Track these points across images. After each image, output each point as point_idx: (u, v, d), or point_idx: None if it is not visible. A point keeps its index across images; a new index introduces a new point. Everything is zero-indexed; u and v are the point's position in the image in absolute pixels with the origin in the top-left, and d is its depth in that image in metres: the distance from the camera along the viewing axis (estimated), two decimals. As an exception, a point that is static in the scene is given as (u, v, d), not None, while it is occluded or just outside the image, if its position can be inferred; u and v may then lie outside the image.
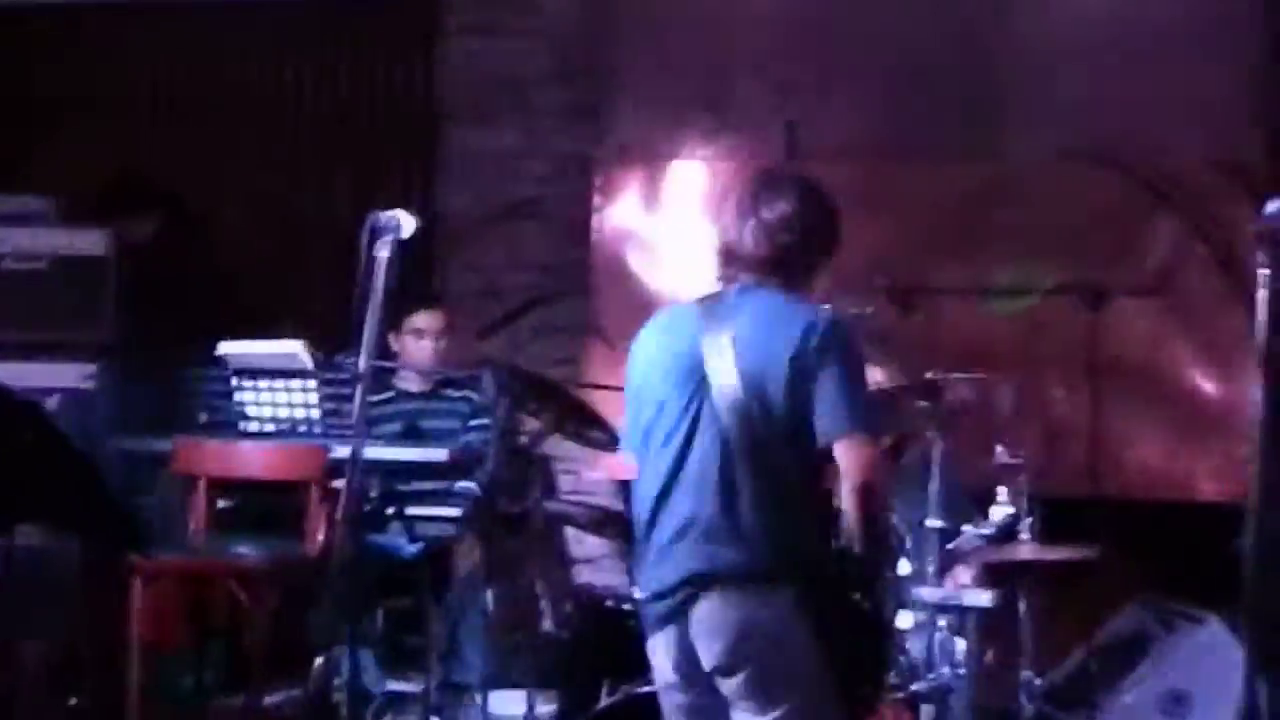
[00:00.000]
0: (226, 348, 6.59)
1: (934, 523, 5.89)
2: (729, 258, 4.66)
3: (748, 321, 4.56)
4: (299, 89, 8.40)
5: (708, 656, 4.52)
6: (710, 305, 4.65)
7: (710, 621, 4.50)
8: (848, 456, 4.47)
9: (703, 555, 4.49)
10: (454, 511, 6.60)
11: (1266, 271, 4.13)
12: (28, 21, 8.48)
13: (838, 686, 4.52)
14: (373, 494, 6.42)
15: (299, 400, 6.46)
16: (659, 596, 4.56)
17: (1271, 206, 4.18)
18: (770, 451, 4.51)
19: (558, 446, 7.25)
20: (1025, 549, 5.92)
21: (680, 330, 4.65)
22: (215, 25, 8.42)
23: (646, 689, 5.64)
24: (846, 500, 4.49)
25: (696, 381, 4.56)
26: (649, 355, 4.71)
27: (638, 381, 4.72)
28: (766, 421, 4.49)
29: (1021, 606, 5.93)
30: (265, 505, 6.51)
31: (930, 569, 5.84)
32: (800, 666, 4.49)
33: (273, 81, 8.41)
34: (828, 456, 4.52)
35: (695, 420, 4.55)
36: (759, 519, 4.49)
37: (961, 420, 6.12)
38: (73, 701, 6.29)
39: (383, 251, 4.69)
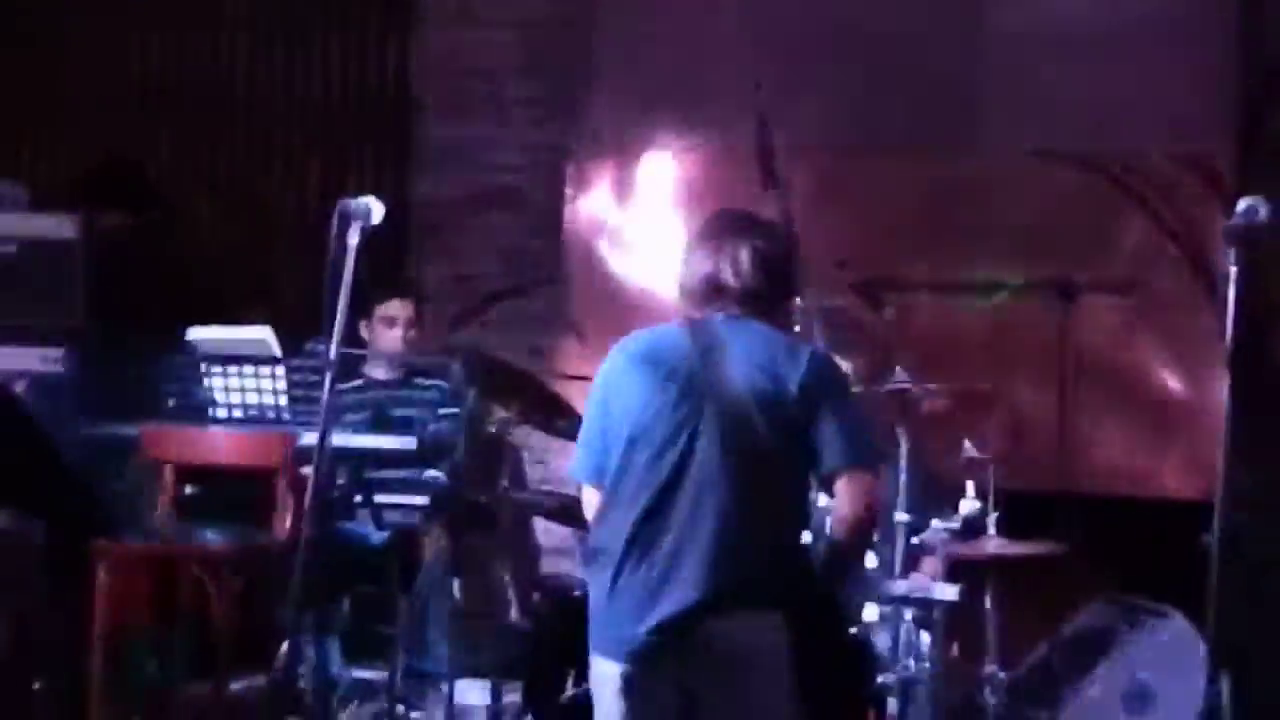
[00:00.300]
0: (195, 334, 6.58)
1: (901, 516, 5.92)
2: (714, 290, 4.63)
3: (747, 350, 4.55)
4: (272, 76, 8.38)
5: (706, 684, 4.45)
6: (699, 333, 4.62)
7: (716, 649, 4.44)
8: (849, 489, 4.52)
9: (711, 581, 4.43)
10: (422, 500, 6.58)
11: (1235, 270, 4.14)
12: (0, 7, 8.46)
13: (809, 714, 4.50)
14: (340, 481, 6.41)
15: (267, 387, 6.44)
16: (662, 628, 4.44)
17: (1241, 206, 4.20)
18: (771, 479, 4.52)
19: (526, 436, 7.27)
20: (991, 544, 5.95)
21: (667, 356, 4.60)
22: (187, 13, 8.40)
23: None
24: (838, 529, 4.55)
25: (691, 406, 4.52)
26: (630, 376, 4.62)
27: (617, 402, 4.62)
28: (770, 449, 4.50)
29: (987, 601, 5.95)
30: (232, 492, 6.49)
31: (896, 562, 5.87)
32: (785, 695, 4.46)
33: (245, 69, 8.39)
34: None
35: (691, 445, 4.50)
36: (762, 545, 4.48)
37: (928, 415, 6.15)
38: (36, 686, 6.26)
39: (352, 238, 4.69)
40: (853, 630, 5.63)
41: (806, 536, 4.87)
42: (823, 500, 5.01)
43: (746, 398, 4.49)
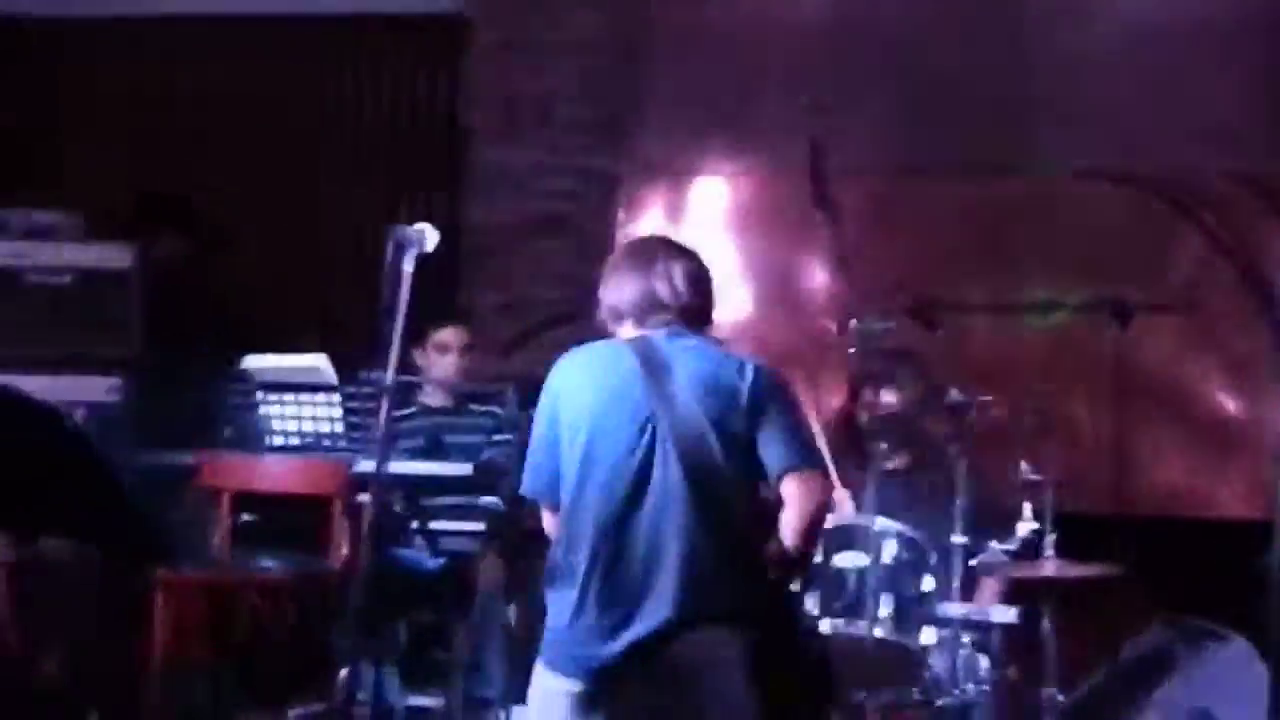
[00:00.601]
0: (250, 362, 6.60)
1: (958, 539, 5.90)
2: (651, 306, 4.69)
3: (693, 367, 4.61)
4: (325, 104, 8.42)
5: (671, 699, 4.47)
6: (642, 347, 4.65)
7: (682, 664, 4.47)
8: (800, 489, 4.55)
9: (679, 600, 4.46)
10: (477, 526, 6.59)
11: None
12: (56, 36, 8.51)
13: None
14: (396, 508, 6.42)
15: (323, 414, 6.46)
16: (633, 647, 4.47)
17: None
18: (727, 495, 4.55)
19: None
20: (1049, 566, 5.91)
21: (615, 369, 4.63)
22: (242, 41, 8.45)
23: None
24: (790, 532, 4.54)
25: (644, 422, 4.56)
26: (579, 389, 4.65)
27: (566, 415, 4.64)
28: (724, 462, 4.54)
29: (1045, 624, 5.91)
30: (288, 520, 6.51)
31: (954, 585, 5.84)
32: (746, 705, 4.47)
33: (299, 96, 8.43)
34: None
35: (649, 465, 4.54)
36: (723, 562, 4.52)
37: (985, 437, 6.13)
38: (93, 717, 6.28)
39: (407, 265, 4.69)
40: (811, 639, 5.58)
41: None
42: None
43: (699, 416, 4.55)
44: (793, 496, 4.55)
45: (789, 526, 4.55)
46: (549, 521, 4.70)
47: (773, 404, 4.61)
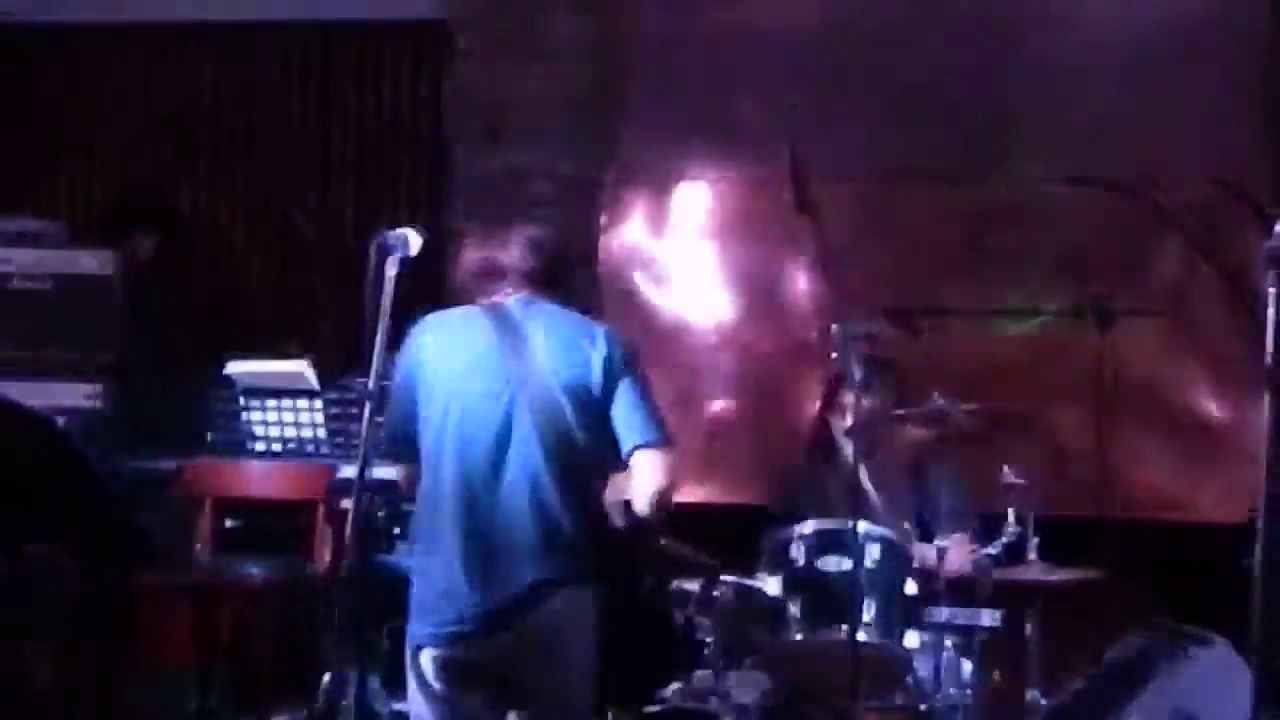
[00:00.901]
0: (233, 367, 6.59)
1: (941, 542, 5.91)
2: (497, 271, 4.86)
3: (547, 331, 4.79)
4: (308, 110, 8.41)
5: (527, 656, 4.68)
6: (499, 314, 4.82)
7: (540, 625, 4.68)
8: (653, 464, 4.74)
9: (539, 566, 4.68)
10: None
11: (1274, 291, 4.13)
12: (32, 41, 8.49)
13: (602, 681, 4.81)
14: (380, 513, 6.41)
15: (306, 420, 6.47)
16: (493, 613, 4.67)
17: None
18: (582, 464, 4.75)
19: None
20: (1032, 570, 5.92)
21: (474, 334, 4.79)
22: (224, 48, 8.43)
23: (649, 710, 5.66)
24: (641, 502, 4.74)
25: (504, 386, 4.74)
26: (438, 356, 4.81)
27: (426, 381, 4.82)
28: (578, 430, 4.74)
29: (1028, 628, 5.92)
30: (272, 524, 6.50)
31: (939, 589, 5.85)
32: (593, 658, 4.76)
33: (282, 103, 8.42)
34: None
35: (508, 433, 4.72)
36: (579, 528, 4.73)
37: (968, 441, 6.14)
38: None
39: (390, 270, 4.69)
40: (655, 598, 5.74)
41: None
42: None
43: (555, 385, 4.73)
44: (642, 473, 4.73)
45: (639, 497, 4.73)
46: (401, 474, 4.92)
47: (623, 377, 4.78)
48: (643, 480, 4.74)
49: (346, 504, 5.43)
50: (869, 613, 5.74)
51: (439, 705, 4.81)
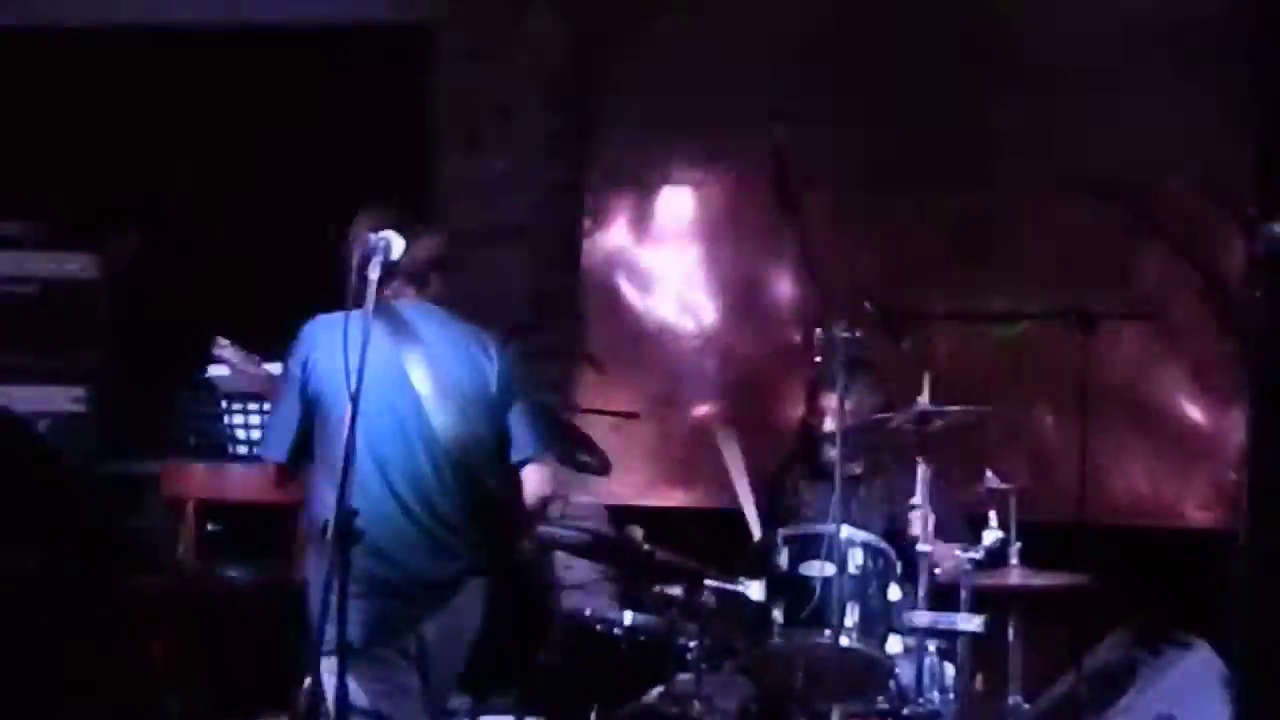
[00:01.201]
0: (215, 371, 6.58)
1: (924, 547, 5.90)
2: (370, 267, 4.73)
3: (437, 338, 4.91)
4: (288, 113, 8.39)
5: (432, 637, 4.88)
6: (388, 317, 4.85)
7: (446, 612, 4.87)
8: (538, 474, 5.01)
9: (442, 564, 4.87)
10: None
11: (1259, 296, 4.14)
12: (14, 44, 8.47)
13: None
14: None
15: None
16: (402, 602, 4.83)
17: (1264, 232, 4.19)
18: (480, 466, 4.91)
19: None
20: (1014, 574, 5.92)
21: (366, 341, 4.67)
22: (205, 49, 8.41)
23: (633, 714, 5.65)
24: (528, 507, 5.04)
25: (399, 391, 4.82)
26: (330, 357, 4.78)
27: (316, 386, 4.87)
28: (478, 437, 4.90)
29: (1010, 632, 5.92)
30: (253, 528, 6.50)
31: (921, 593, 5.85)
32: (478, 630, 5.01)
33: (264, 106, 8.40)
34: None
35: (406, 436, 4.83)
36: (476, 526, 4.92)
37: (950, 445, 6.13)
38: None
39: (372, 273, 4.69)
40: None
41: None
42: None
43: (454, 389, 4.86)
44: (530, 481, 5.01)
45: (526, 500, 5.00)
46: (280, 482, 5.04)
47: (517, 388, 4.98)
48: (530, 486, 5.01)
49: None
50: (852, 617, 5.72)
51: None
